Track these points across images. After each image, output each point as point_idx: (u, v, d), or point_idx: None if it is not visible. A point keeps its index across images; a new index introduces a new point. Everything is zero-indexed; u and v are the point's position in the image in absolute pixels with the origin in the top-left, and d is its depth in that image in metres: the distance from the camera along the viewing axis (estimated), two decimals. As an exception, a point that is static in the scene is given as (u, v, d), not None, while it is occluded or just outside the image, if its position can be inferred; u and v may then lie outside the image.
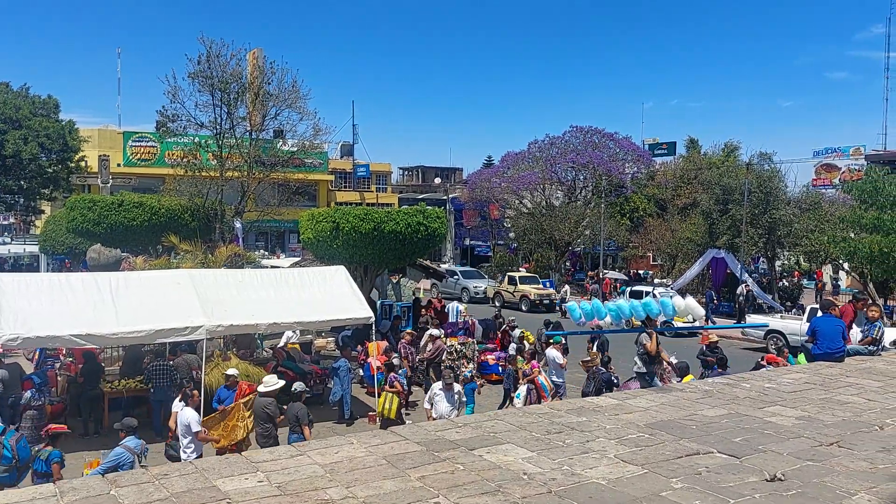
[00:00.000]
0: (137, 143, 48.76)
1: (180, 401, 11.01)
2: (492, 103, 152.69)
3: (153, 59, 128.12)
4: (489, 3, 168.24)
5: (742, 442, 5.76)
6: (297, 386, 11.56)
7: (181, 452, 10.36)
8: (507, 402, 14.12)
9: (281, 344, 17.57)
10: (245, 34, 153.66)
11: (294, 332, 17.74)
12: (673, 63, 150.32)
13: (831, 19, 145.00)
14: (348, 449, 5.49)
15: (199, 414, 10.98)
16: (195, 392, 11.44)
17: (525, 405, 12.34)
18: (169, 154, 34.99)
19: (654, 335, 11.93)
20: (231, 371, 12.57)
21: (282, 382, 11.59)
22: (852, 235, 25.74)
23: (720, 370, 13.06)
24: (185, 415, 10.57)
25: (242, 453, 5.57)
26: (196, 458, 9.77)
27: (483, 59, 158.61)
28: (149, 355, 15.07)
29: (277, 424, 10.82)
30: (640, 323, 12.07)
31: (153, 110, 45.18)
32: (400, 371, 14.27)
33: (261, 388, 11.18)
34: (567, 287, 36.25)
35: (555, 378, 14.78)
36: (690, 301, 11.96)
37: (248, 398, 11.46)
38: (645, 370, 11.95)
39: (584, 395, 11.89)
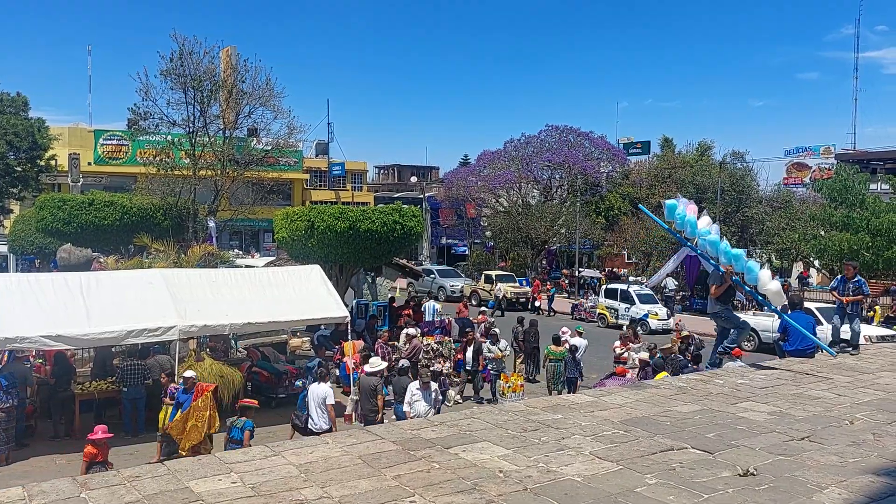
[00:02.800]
0: (109, 142, 48.13)
1: (315, 380, 12.11)
2: (468, 102, 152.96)
3: (125, 56, 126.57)
4: (465, 1, 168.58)
5: (715, 437, 5.81)
6: (404, 363, 14.23)
7: (312, 425, 11.50)
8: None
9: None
10: (218, 31, 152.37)
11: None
12: (647, 63, 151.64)
13: (802, 20, 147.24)
14: (323, 449, 5.45)
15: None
16: (331, 368, 13.14)
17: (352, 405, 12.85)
18: (141, 152, 34.65)
19: (729, 280, 9.89)
20: (188, 373, 12.22)
21: (384, 364, 13.53)
22: (822, 233, 26.18)
23: (694, 366, 13.19)
24: (321, 389, 11.69)
25: (216, 454, 5.51)
26: (327, 429, 11.17)
27: (459, 58, 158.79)
28: (119, 356, 14.86)
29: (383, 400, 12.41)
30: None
31: (125, 108, 44.75)
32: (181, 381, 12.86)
33: (367, 368, 12.87)
34: (501, 286, 36.65)
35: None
36: (776, 285, 9.95)
37: (205, 397, 11.27)
38: (717, 308, 10.30)
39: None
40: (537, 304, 33.89)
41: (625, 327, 19.86)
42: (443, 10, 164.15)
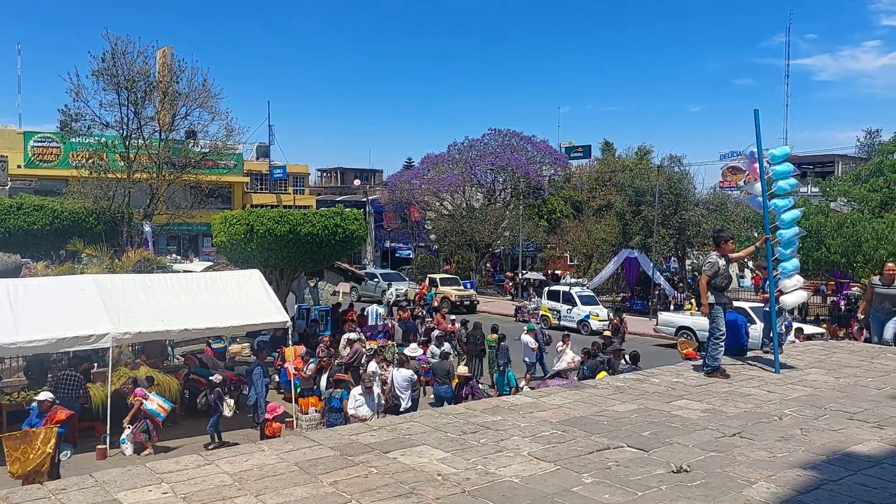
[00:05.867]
0: (39, 144, 46.52)
1: (396, 367, 13.94)
2: (412, 105, 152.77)
3: (56, 55, 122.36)
4: (405, 4, 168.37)
5: (650, 436, 5.90)
6: (446, 347, 16.27)
7: (401, 402, 13.25)
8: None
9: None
10: (154, 31, 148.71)
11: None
12: (588, 68, 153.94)
13: (737, 28, 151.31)
14: (259, 456, 5.34)
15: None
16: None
17: (133, 444, 12.64)
18: (73, 155, 33.53)
19: (762, 244, 8.91)
20: (43, 395, 11.39)
21: (421, 350, 16.22)
22: (756, 235, 26.94)
23: (633, 366, 13.43)
24: (405, 373, 13.58)
25: (147, 464, 5.34)
26: (409, 406, 13.03)
27: (402, 60, 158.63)
28: (54, 366, 14.36)
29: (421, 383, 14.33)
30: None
31: (56, 109, 43.35)
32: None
33: (407, 352, 15.22)
34: (396, 288, 36.74)
35: (527, 360, 18.45)
36: (800, 295, 9.00)
37: (49, 430, 10.46)
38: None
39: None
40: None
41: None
42: (385, 13, 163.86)
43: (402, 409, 12.66)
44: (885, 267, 10.74)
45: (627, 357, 14.83)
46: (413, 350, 15.53)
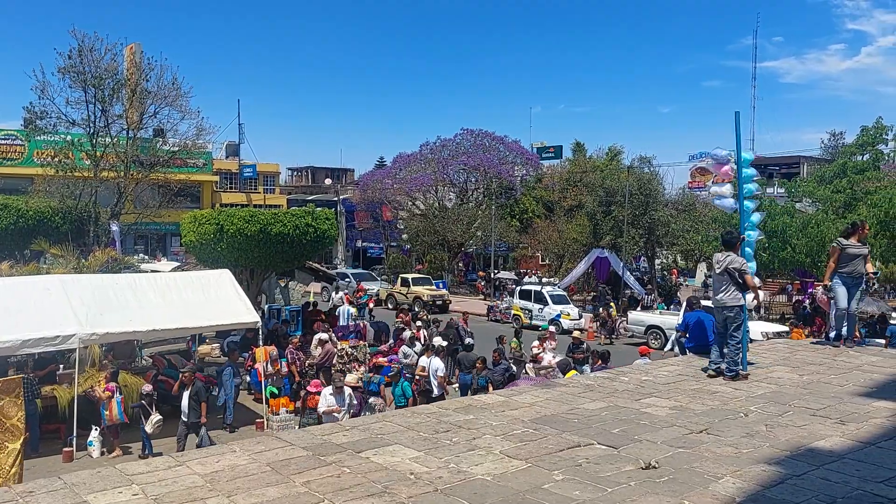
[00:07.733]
0: (3, 141, 45.66)
1: (427, 356, 14.93)
2: (383, 104, 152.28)
3: (21, 50, 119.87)
4: (377, 3, 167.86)
5: (620, 433, 5.99)
6: (469, 341, 17.08)
7: (433, 389, 14.23)
8: None
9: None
10: (123, 28, 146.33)
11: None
12: (560, 69, 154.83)
13: (706, 30, 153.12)
14: (230, 457, 5.32)
15: None
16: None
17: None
18: (38, 153, 32.95)
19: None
20: None
21: (444, 343, 16.98)
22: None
23: (602, 365, 13.56)
24: (434, 363, 14.54)
25: (117, 466, 5.28)
26: (439, 394, 14.00)
27: (374, 59, 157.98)
28: (12, 367, 14.09)
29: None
30: None
31: (20, 106, 42.60)
32: None
33: (436, 343, 16.34)
34: (341, 293, 35.25)
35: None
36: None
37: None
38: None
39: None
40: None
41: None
42: (356, 11, 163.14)
43: (434, 396, 13.84)
44: (864, 226, 10.29)
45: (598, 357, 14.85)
46: (440, 342, 16.30)
